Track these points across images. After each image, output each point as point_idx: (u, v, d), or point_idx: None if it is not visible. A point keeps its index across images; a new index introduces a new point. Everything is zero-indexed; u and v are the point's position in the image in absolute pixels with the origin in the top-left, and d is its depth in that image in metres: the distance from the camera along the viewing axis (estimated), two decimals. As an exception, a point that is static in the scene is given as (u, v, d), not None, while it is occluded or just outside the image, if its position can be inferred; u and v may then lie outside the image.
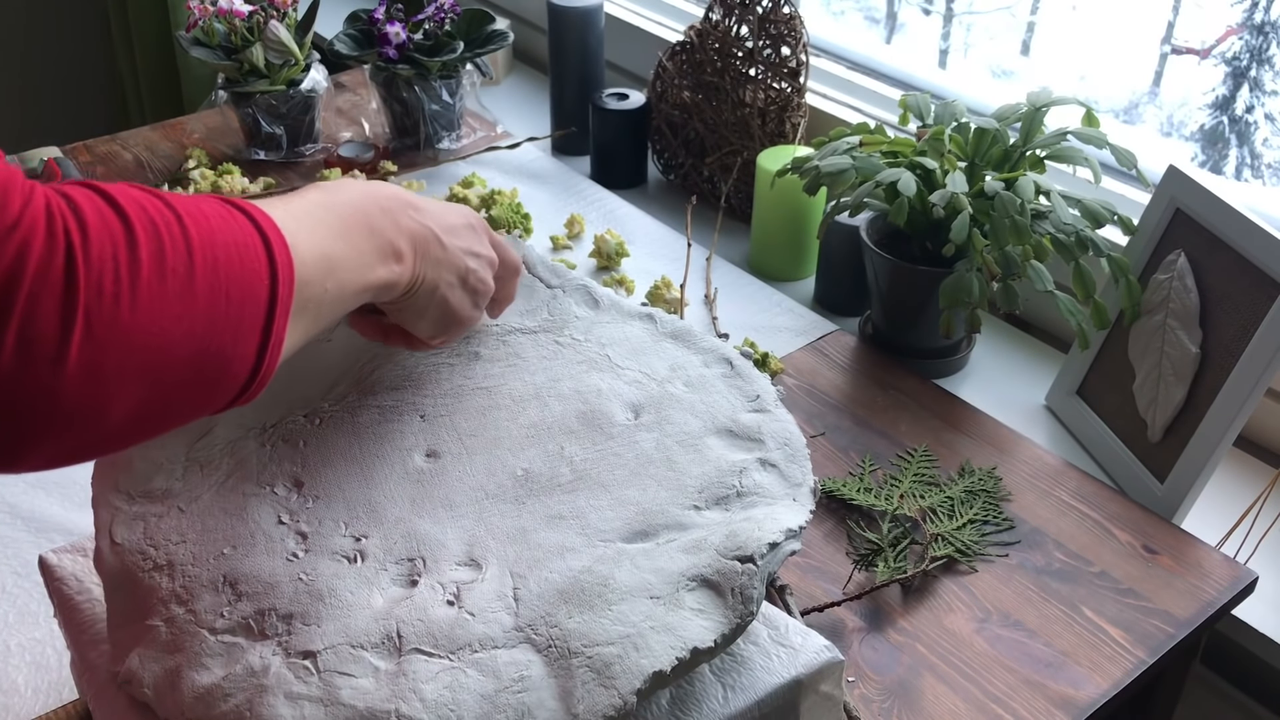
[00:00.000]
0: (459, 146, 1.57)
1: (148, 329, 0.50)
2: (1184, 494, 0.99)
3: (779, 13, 1.37)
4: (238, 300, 0.54)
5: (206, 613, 0.65)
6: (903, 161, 1.12)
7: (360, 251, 0.63)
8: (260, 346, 0.55)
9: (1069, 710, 0.83)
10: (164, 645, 0.65)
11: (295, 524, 0.69)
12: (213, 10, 1.44)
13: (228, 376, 0.55)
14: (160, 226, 0.51)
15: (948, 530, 0.96)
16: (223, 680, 0.62)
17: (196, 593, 0.66)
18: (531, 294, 0.84)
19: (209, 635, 0.64)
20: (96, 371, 0.48)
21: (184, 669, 0.63)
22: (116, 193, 0.51)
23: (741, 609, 0.63)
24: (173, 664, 0.64)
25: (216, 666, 0.63)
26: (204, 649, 0.64)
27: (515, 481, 0.72)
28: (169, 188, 1.42)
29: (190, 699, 0.62)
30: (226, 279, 0.53)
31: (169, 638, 0.65)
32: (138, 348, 0.50)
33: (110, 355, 0.49)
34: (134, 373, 0.50)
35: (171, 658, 0.64)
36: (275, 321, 0.56)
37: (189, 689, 0.63)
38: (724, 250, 1.38)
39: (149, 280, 0.50)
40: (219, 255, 0.53)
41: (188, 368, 0.52)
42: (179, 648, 0.64)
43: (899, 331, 1.19)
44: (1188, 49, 1.37)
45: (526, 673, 0.61)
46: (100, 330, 0.48)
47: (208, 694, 0.62)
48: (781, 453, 0.73)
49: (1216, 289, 1.00)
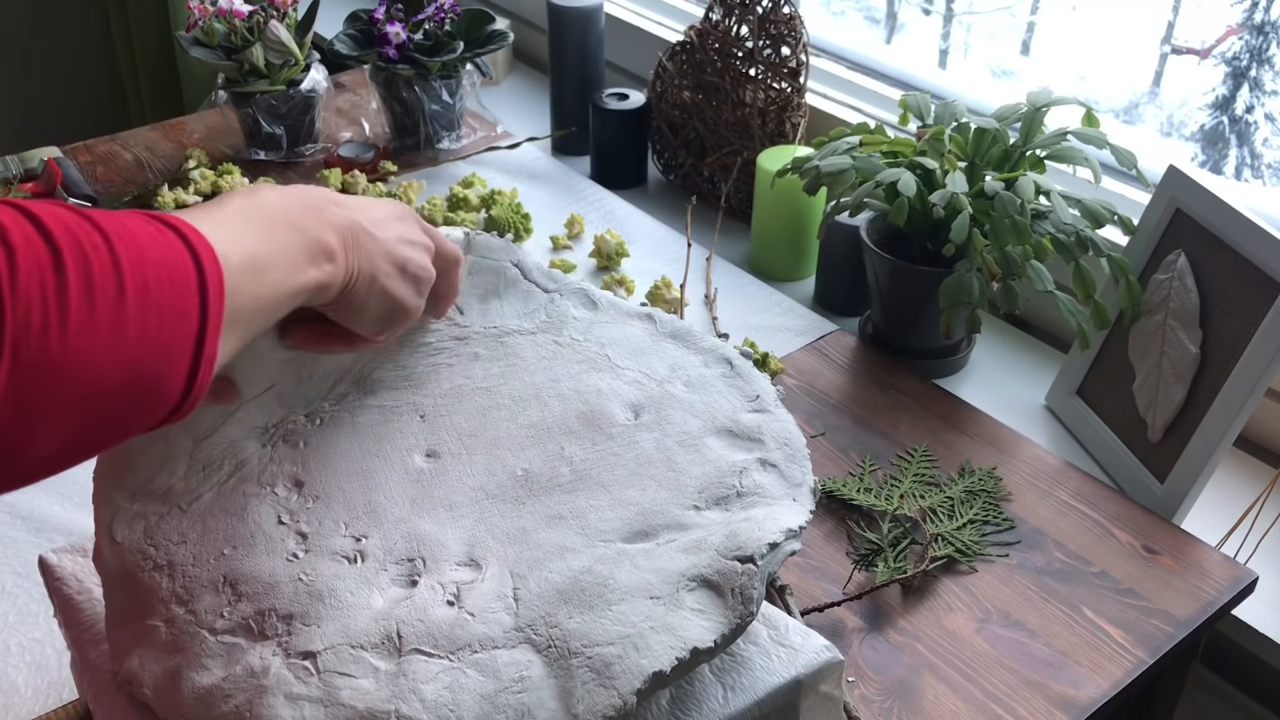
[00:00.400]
0: (459, 146, 1.57)
1: (77, 361, 0.48)
2: (1184, 494, 0.99)
3: (779, 13, 1.37)
4: (169, 321, 0.52)
5: (207, 613, 0.65)
6: (903, 161, 1.12)
7: (288, 252, 0.61)
8: (192, 366, 0.54)
9: (1069, 710, 0.83)
10: (164, 645, 0.65)
11: (295, 524, 0.69)
12: (213, 10, 1.44)
13: (159, 399, 0.53)
14: (89, 251, 0.49)
15: (948, 530, 0.96)
16: (223, 681, 0.62)
17: (197, 593, 0.66)
18: (528, 298, 0.84)
19: (209, 636, 0.64)
20: (23, 407, 0.47)
21: (184, 670, 0.63)
22: (43, 215, 0.49)
23: (741, 609, 0.63)
24: (173, 664, 0.64)
25: (216, 667, 0.63)
26: (204, 649, 0.64)
27: (515, 481, 0.72)
28: (169, 188, 1.42)
29: (190, 700, 0.62)
30: (158, 301, 0.51)
31: (169, 638, 0.65)
32: (66, 380, 0.48)
33: (38, 390, 0.47)
34: (62, 406, 0.48)
35: (171, 658, 0.64)
36: (207, 340, 0.54)
37: (189, 690, 0.63)
38: (724, 250, 1.38)
39: (78, 309, 0.48)
40: (149, 277, 0.51)
41: (118, 395, 0.51)
42: (179, 648, 0.64)
43: (899, 331, 1.19)
44: (1188, 49, 1.37)
45: (526, 673, 0.61)
46: (28, 365, 0.46)
47: (208, 694, 0.62)
48: (781, 453, 0.73)
49: (1216, 289, 1.00)
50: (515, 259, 0.85)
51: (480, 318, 0.82)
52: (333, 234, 0.64)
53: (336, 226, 0.65)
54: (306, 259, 0.62)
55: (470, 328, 0.82)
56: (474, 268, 0.83)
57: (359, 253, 0.67)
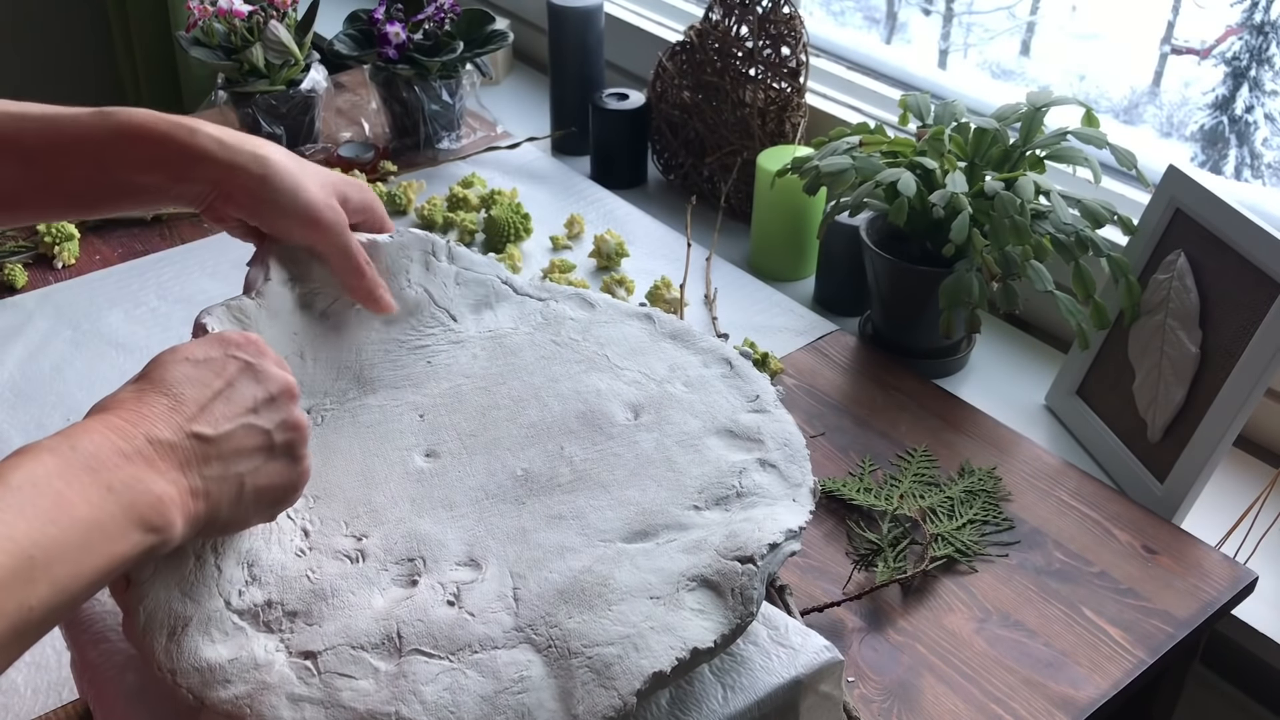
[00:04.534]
0: (459, 146, 1.57)
1: None
2: (1184, 494, 0.99)
3: (779, 13, 1.37)
4: None
5: (229, 582, 0.64)
6: (903, 161, 1.12)
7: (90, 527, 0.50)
8: None
9: (1069, 710, 0.83)
10: (184, 584, 0.63)
11: (300, 521, 0.69)
12: (213, 10, 1.44)
13: None
14: None
15: (947, 530, 0.96)
16: (226, 663, 0.61)
17: (225, 554, 0.65)
18: (522, 305, 0.84)
19: (224, 606, 0.63)
20: None
21: (191, 630, 0.62)
22: None
23: (741, 609, 0.63)
24: (183, 612, 0.62)
25: (223, 645, 0.62)
26: (216, 617, 0.63)
27: (515, 481, 0.72)
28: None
29: (187, 664, 0.61)
30: None
31: (193, 579, 0.63)
32: None
33: None
34: None
35: (183, 604, 0.63)
36: None
37: (190, 652, 0.61)
38: (724, 250, 1.38)
39: None
40: None
41: None
42: (195, 598, 0.63)
43: (899, 331, 1.19)
44: (1188, 49, 1.37)
45: (526, 673, 0.61)
46: None
47: (208, 669, 0.61)
48: (781, 453, 0.73)
49: (1216, 289, 1.00)
50: (502, 276, 0.85)
51: (475, 325, 0.82)
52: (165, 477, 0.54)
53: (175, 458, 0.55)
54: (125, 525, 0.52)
55: (465, 332, 0.82)
56: (460, 278, 0.83)
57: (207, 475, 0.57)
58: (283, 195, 0.74)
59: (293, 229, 0.76)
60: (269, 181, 0.74)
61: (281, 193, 0.74)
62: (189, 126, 0.72)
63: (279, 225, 0.76)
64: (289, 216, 0.75)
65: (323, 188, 0.77)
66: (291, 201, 0.74)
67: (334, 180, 0.79)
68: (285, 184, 0.74)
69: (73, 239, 1.31)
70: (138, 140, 0.72)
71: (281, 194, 0.74)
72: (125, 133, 0.72)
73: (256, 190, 0.74)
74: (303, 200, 0.75)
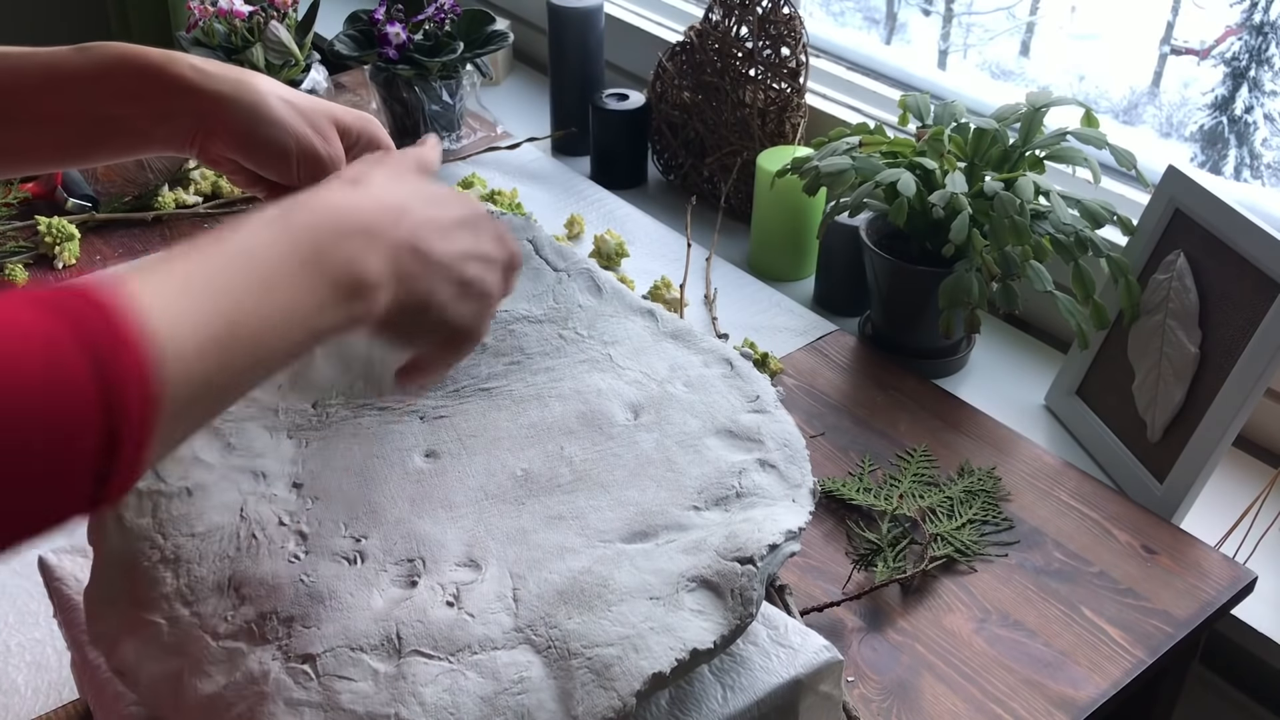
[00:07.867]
0: (459, 147, 1.57)
1: None
2: (1183, 494, 0.99)
3: (779, 13, 1.37)
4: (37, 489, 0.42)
5: (211, 617, 0.65)
6: (902, 162, 1.12)
7: (292, 302, 0.51)
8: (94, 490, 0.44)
9: (1068, 710, 0.83)
10: (165, 646, 0.64)
11: (296, 525, 0.69)
12: (213, 11, 1.44)
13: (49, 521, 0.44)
14: None
15: (947, 530, 0.96)
16: (224, 689, 0.62)
17: (202, 595, 0.66)
18: (538, 278, 0.84)
19: (212, 641, 0.64)
20: None
21: (186, 675, 0.63)
22: None
23: (741, 610, 0.63)
24: (174, 667, 0.64)
25: (219, 674, 0.62)
26: (207, 655, 0.63)
27: (515, 482, 0.72)
28: (169, 187, 1.42)
29: (194, 707, 0.62)
30: None
31: (171, 640, 0.65)
32: None
33: None
34: None
35: (173, 660, 0.64)
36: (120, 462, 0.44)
37: (192, 697, 0.62)
38: (724, 250, 1.38)
39: None
40: None
41: None
42: (182, 651, 0.64)
43: (899, 331, 1.19)
44: (1187, 49, 1.37)
45: (526, 674, 0.61)
46: None
47: (211, 703, 0.62)
48: (781, 453, 0.73)
49: (1216, 289, 1.00)
50: (531, 235, 0.85)
51: None
52: (375, 260, 0.56)
53: (385, 249, 0.56)
54: (328, 298, 0.53)
55: None
56: None
57: (409, 278, 0.58)
58: (273, 129, 0.67)
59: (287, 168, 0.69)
60: (257, 113, 0.67)
61: (272, 125, 0.67)
62: (168, 54, 0.67)
63: (271, 165, 0.69)
64: (282, 157, 0.68)
65: (317, 120, 0.70)
66: (281, 137, 0.68)
67: (329, 110, 0.71)
68: (274, 116, 0.67)
69: (73, 239, 1.31)
70: (115, 71, 0.66)
71: (272, 127, 0.67)
72: (103, 65, 0.66)
73: (244, 124, 0.67)
74: (294, 135, 0.68)
